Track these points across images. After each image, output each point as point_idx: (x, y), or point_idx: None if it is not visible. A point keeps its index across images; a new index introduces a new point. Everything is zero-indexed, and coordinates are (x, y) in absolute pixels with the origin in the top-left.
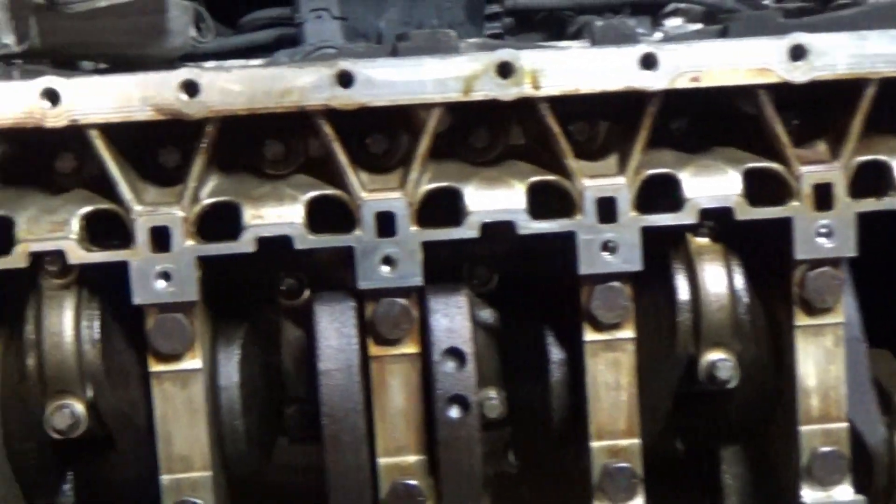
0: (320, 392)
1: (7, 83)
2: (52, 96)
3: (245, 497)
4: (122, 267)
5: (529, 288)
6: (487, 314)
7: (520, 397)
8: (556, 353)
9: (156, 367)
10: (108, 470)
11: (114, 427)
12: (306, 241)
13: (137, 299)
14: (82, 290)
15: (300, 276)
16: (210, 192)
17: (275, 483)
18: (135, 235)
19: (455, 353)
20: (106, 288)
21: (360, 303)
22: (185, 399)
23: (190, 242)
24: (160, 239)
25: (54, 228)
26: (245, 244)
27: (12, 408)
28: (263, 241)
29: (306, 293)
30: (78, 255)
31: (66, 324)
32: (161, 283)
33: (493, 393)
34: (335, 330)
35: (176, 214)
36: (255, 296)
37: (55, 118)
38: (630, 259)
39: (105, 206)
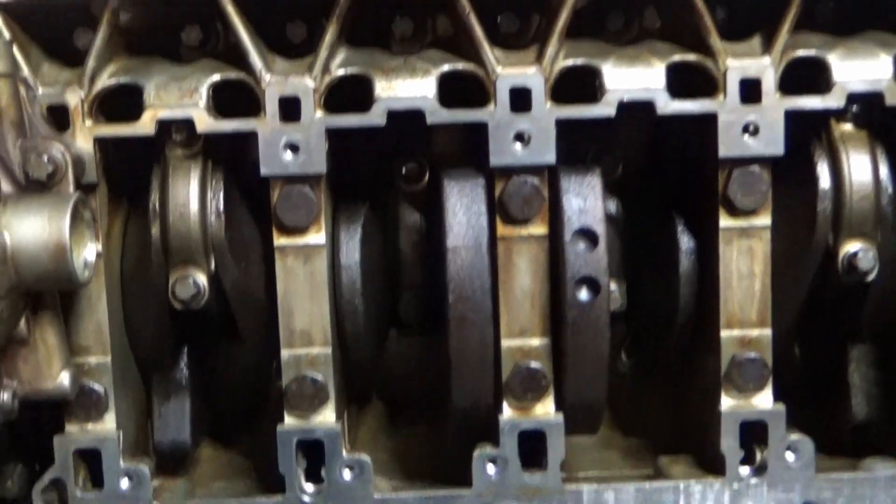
0: (448, 270)
1: None
2: None
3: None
4: (247, 138)
5: (656, 177)
6: (610, 204)
7: (642, 289)
8: (685, 242)
9: (280, 240)
10: (222, 347)
11: (234, 301)
12: (438, 114)
13: (264, 170)
14: (207, 160)
15: (421, 160)
16: (340, 63)
17: (383, 373)
18: (264, 105)
19: (587, 234)
20: (230, 159)
21: (490, 181)
22: (308, 274)
23: (319, 114)
24: (290, 109)
25: (183, 96)
26: (375, 116)
27: (134, 278)
28: (393, 115)
29: (426, 178)
30: (206, 123)
31: (192, 194)
32: (289, 155)
33: (613, 285)
34: (464, 207)
35: (307, 84)
36: (376, 179)
37: None
38: (772, 142)
39: (235, 75)
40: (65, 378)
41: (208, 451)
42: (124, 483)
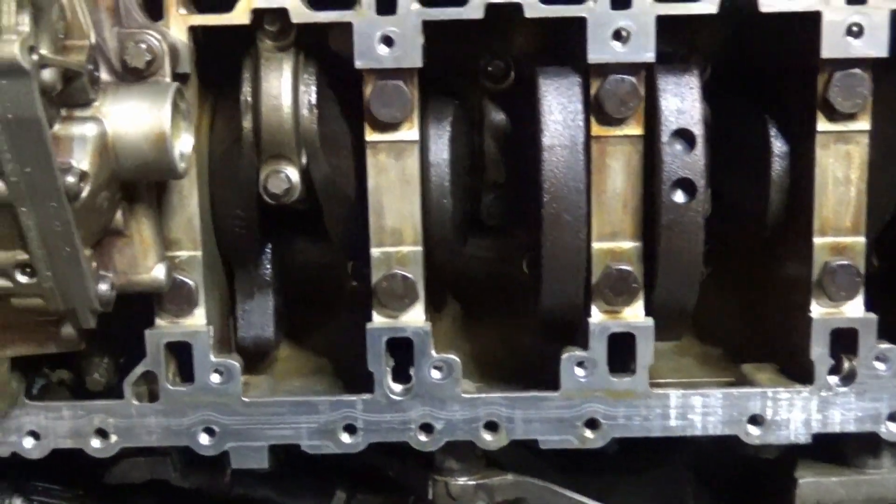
0: (543, 169)
1: None
2: None
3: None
4: (341, 30)
5: (747, 80)
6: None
7: (728, 195)
8: (778, 147)
9: (372, 135)
10: (302, 243)
11: (322, 196)
12: (538, 9)
13: (359, 63)
14: (299, 53)
15: (507, 59)
16: None
17: (461, 274)
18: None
19: (684, 135)
20: (321, 51)
21: (586, 79)
22: (400, 171)
23: (416, 6)
24: (386, 1)
25: None
26: (473, 9)
27: (222, 172)
28: (491, 8)
29: (511, 77)
30: (301, 13)
31: (285, 87)
32: (384, 48)
33: None
34: (560, 106)
35: None
36: (460, 76)
37: None
38: (876, 44)
39: None
40: (160, 271)
41: (283, 349)
42: (215, 377)
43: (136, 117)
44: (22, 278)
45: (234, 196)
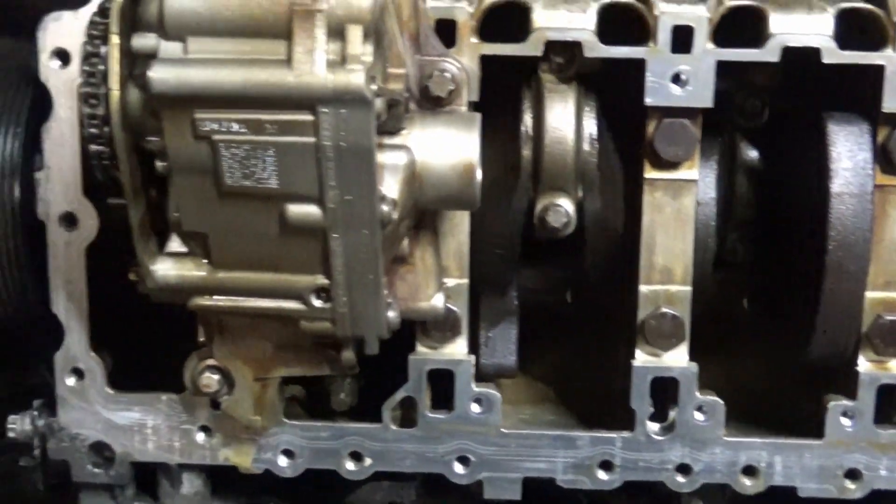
0: (830, 217)
1: None
2: None
3: None
4: (620, 65)
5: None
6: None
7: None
8: None
9: (651, 173)
10: (535, 271)
11: (591, 230)
12: (836, 55)
13: (649, 100)
14: (580, 84)
15: (763, 96)
16: None
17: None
18: (655, 33)
19: None
20: (601, 85)
21: (874, 127)
22: (676, 209)
23: (710, 45)
24: (682, 39)
25: (572, 19)
26: (770, 52)
27: (491, 200)
28: (788, 51)
29: (766, 115)
30: (595, 48)
31: (568, 119)
32: (675, 86)
33: None
34: (850, 153)
35: (702, 14)
36: (716, 113)
37: None
38: None
39: None
40: (438, 299)
41: None
42: (475, 407)
43: (444, 147)
44: (317, 302)
45: (502, 225)
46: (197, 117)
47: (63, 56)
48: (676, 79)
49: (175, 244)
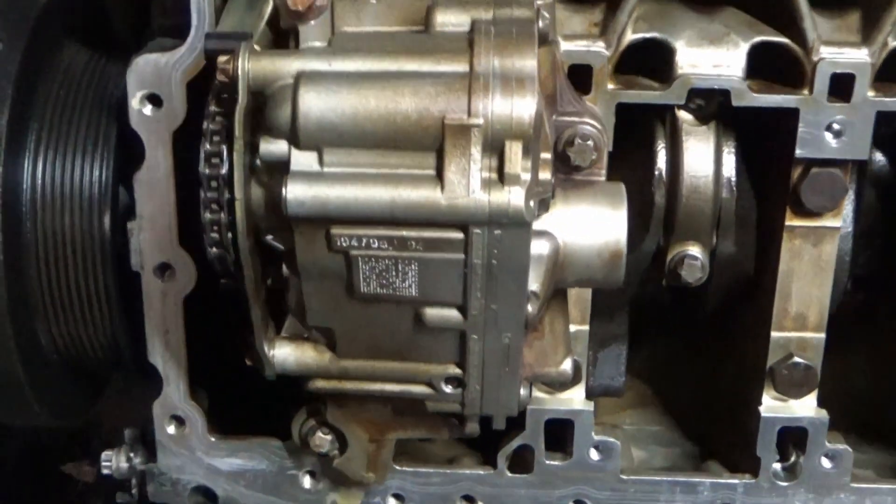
0: None
1: None
2: None
3: None
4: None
5: None
6: None
7: None
8: None
9: (793, 220)
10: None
11: (718, 275)
12: None
13: (800, 151)
14: (719, 125)
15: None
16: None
17: None
18: (811, 80)
19: None
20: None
21: None
22: (815, 257)
23: (871, 93)
24: (840, 87)
25: (719, 61)
26: None
27: None
28: None
29: None
30: (744, 96)
31: (707, 164)
32: (830, 136)
33: None
34: None
35: (864, 60)
36: None
37: None
38: None
39: (780, 39)
40: (567, 364)
41: None
42: (594, 454)
43: (590, 228)
44: (447, 388)
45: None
46: (334, 233)
47: (155, 100)
48: (830, 127)
49: (293, 325)
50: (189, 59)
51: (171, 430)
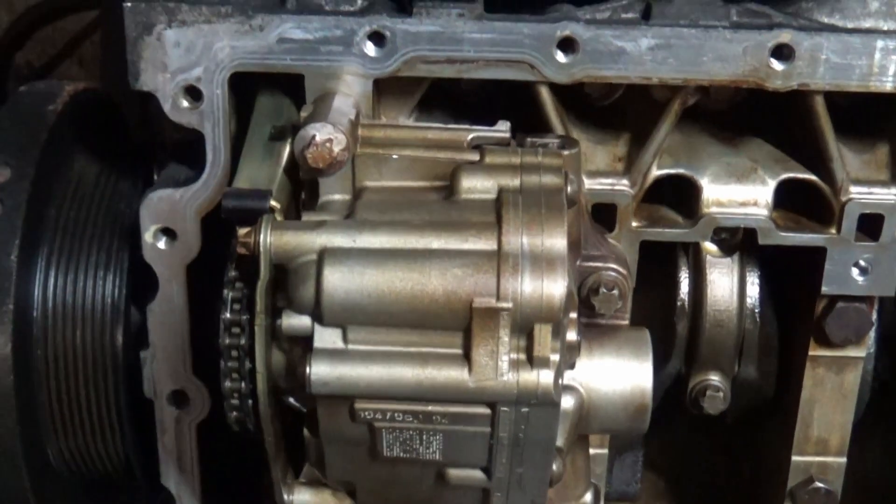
0: None
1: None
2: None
3: None
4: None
5: None
6: None
7: None
8: None
9: (816, 351)
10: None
11: (740, 395)
12: None
13: (826, 289)
14: (744, 257)
15: None
16: None
17: None
18: (839, 219)
19: None
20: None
21: None
22: (837, 384)
23: None
24: (867, 225)
25: (746, 198)
26: None
27: None
28: None
29: None
30: (771, 235)
31: (731, 295)
32: (857, 273)
33: None
34: None
35: (893, 201)
36: None
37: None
38: None
39: (807, 176)
40: (588, 498)
41: None
42: None
43: (615, 380)
44: None
45: None
46: (357, 407)
47: (169, 234)
48: (857, 264)
49: (311, 472)
50: (204, 195)
51: None
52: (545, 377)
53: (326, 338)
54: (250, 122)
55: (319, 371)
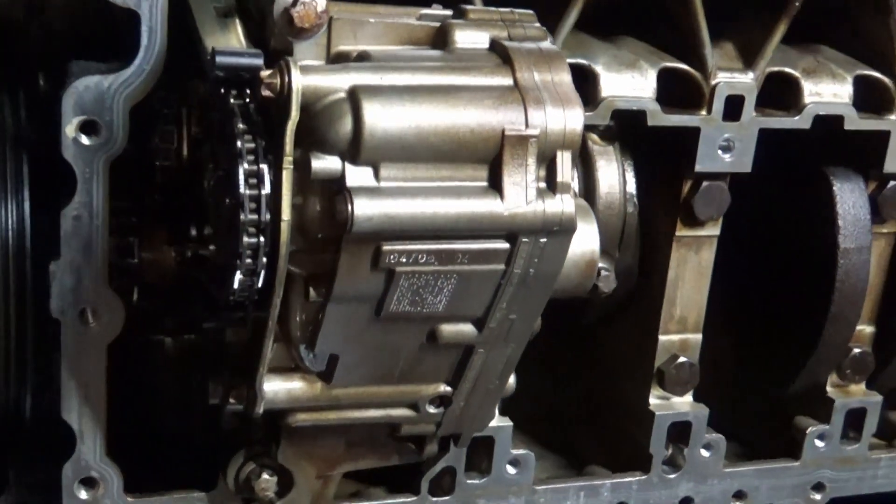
0: (838, 271)
1: None
2: None
3: None
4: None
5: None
6: None
7: None
8: None
9: (682, 231)
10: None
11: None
12: (856, 122)
13: (699, 167)
14: (621, 144)
15: None
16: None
17: None
18: (709, 102)
19: None
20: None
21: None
22: (697, 262)
23: (754, 114)
24: (732, 107)
25: (635, 86)
26: (804, 120)
27: None
28: (818, 120)
29: None
30: (657, 117)
31: (616, 182)
32: (723, 153)
33: None
34: (853, 208)
35: (751, 84)
36: None
37: None
38: None
39: (683, 66)
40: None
41: None
42: (510, 469)
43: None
44: (430, 409)
45: None
46: (385, 249)
47: (92, 128)
48: (722, 145)
49: (277, 357)
50: (137, 81)
51: (83, 494)
52: (567, 203)
53: (359, 176)
54: (188, 4)
55: (362, 207)
